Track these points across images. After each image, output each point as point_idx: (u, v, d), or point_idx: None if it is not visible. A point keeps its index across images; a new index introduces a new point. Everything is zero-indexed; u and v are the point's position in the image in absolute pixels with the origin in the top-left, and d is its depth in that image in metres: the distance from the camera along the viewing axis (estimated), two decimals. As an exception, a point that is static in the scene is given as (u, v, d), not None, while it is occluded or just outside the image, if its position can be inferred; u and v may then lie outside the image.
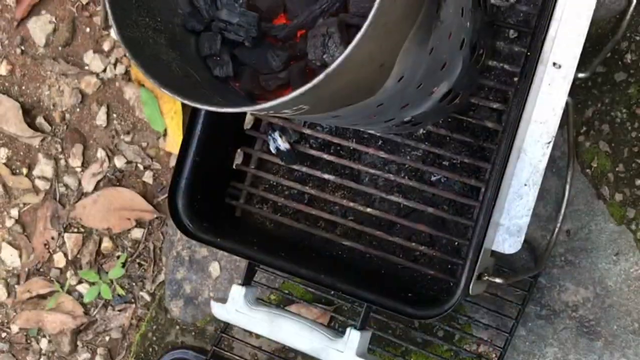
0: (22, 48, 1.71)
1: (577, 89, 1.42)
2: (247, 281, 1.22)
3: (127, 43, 0.85)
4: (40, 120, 1.70)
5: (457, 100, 1.16)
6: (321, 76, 0.76)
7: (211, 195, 1.27)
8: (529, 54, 1.10)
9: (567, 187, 1.36)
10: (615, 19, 1.41)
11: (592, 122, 1.43)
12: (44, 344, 1.75)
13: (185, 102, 0.83)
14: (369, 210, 1.27)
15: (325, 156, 1.28)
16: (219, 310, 1.21)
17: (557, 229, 1.37)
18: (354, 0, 0.88)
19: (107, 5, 0.86)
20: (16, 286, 1.75)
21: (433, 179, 1.29)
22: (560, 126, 1.20)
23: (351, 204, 1.28)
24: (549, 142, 1.16)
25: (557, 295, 1.45)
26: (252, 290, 1.21)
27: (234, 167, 1.32)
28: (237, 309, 1.20)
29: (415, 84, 0.98)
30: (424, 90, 1.03)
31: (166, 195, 1.50)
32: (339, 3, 0.89)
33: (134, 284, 1.69)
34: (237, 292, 1.19)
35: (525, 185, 1.18)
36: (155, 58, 0.89)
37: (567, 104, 1.16)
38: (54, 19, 1.69)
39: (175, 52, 0.93)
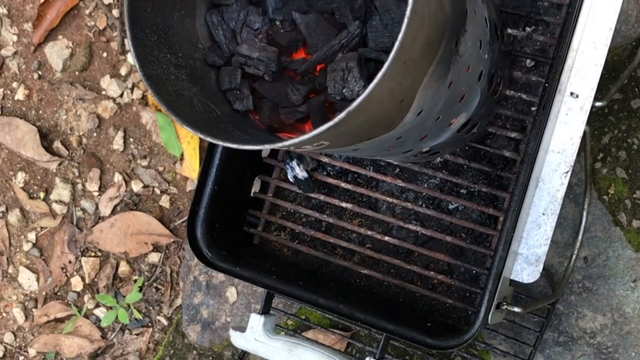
0: (39, 73, 1.73)
1: (593, 116, 1.42)
2: (265, 310, 1.22)
3: (149, 80, 0.87)
4: (57, 144, 1.72)
5: (475, 129, 1.17)
6: (342, 114, 0.77)
7: (229, 224, 1.28)
8: (546, 85, 1.11)
9: (585, 214, 1.36)
10: (632, 46, 1.41)
11: (609, 149, 1.43)
12: None
13: (208, 139, 0.84)
14: (386, 238, 1.28)
15: (343, 184, 1.29)
16: (237, 340, 1.22)
17: (574, 256, 1.36)
18: (373, 35, 0.89)
19: (130, 44, 0.87)
20: (34, 310, 1.76)
21: (451, 207, 1.30)
22: (578, 153, 1.21)
23: (369, 232, 1.29)
24: (567, 172, 1.17)
25: (575, 322, 1.44)
26: (271, 318, 1.22)
27: (251, 195, 1.33)
28: (256, 338, 1.21)
29: (434, 117, 0.99)
30: (443, 122, 1.04)
31: (183, 219, 1.52)
32: (358, 38, 0.90)
33: (151, 308, 1.69)
34: (256, 321, 1.20)
35: (544, 214, 1.18)
36: (177, 94, 0.90)
37: (584, 132, 1.17)
38: (70, 44, 1.71)
39: (196, 87, 0.94)
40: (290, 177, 1.29)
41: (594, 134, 1.42)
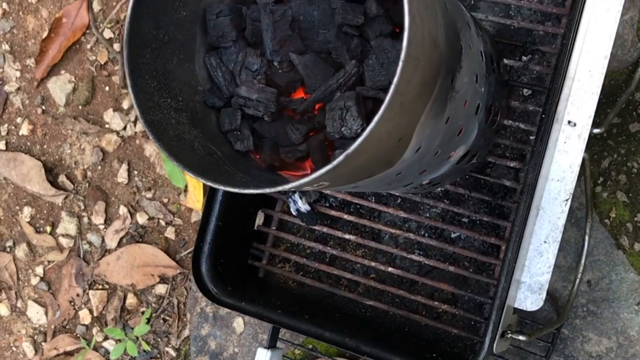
0: (43, 108, 1.74)
1: (592, 140, 1.42)
2: (272, 343, 1.23)
3: (150, 127, 0.88)
4: (62, 178, 1.73)
5: (474, 160, 1.18)
6: (341, 157, 0.78)
7: (234, 258, 1.30)
8: (543, 115, 1.12)
9: (587, 238, 1.37)
10: (628, 70, 1.42)
11: (608, 173, 1.43)
12: None
13: (209, 184, 0.85)
14: (390, 269, 1.29)
15: (345, 216, 1.30)
16: None
17: (578, 280, 1.37)
18: (370, 74, 0.90)
19: (130, 92, 0.88)
20: (43, 343, 1.77)
21: (453, 236, 1.31)
22: (577, 178, 1.22)
23: (372, 263, 1.30)
24: (567, 200, 1.18)
25: (580, 346, 1.45)
26: (278, 353, 1.23)
27: (255, 228, 1.35)
28: None
29: (433, 152, 1.00)
30: (442, 155, 1.05)
31: (189, 250, 1.53)
32: (355, 77, 0.92)
33: (159, 339, 1.70)
34: (263, 355, 1.21)
35: (545, 242, 1.19)
36: (178, 138, 0.91)
37: (583, 159, 1.18)
38: (73, 79, 1.73)
39: (197, 130, 0.95)
40: (293, 211, 1.30)
41: (594, 158, 1.43)
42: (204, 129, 0.97)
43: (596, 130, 1.22)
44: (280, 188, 0.83)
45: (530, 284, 1.20)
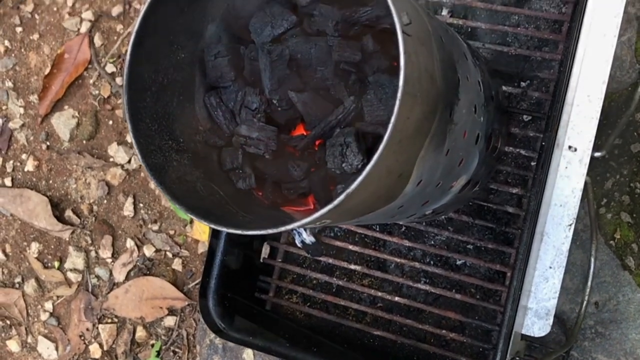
0: (48, 143, 1.75)
1: (594, 162, 1.41)
2: None
3: (152, 171, 0.88)
4: (69, 213, 1.74)
5: (476, 187, 1.18)
6: (342, 197, 0.78)
7: (241, 291, 1.30)
8: (543, 143, 1.12)
9: (592, 260, 1.35)
10: (627, 92, 1.42)
11: (612, 194, 1.43)
12: None
13: (213, 226, 0.85)
14: (397, 298, 1.29)
15: (350, 246, 1.30)
16: None
17: (585, 302, 1.35)
18: (369, 109, 0.91)
19: (132, 136, 0.89)
20: (54, 379, 1.77)
21: (458, 263, 1.30)
22: (581, 200, 1.22)
23: (379, 293, 1.30)
24: (570, 225, 1.18)
25: None
26: None
27: (261, 261, 1.35)
28: None
29: (434, 184, 1.00)
30: (444, 186, 1.05)
31: (197, 282, 1.53)
32: (354, 112, 0.92)
33: None
34: None
35: (550, 267, 1.19)
36: (180, 180, 0.92)
37: (585, 182, 1.18)
38: (77, 114, 1.74)
39: (198, 171, 0.96)
40: (298, 243, 1.30)
41: (596, 179, 1.43)
42: (205, 169, 0.97)
43: (598, 154, 1.22)
44: (283, 228, 0.83)
45: (537, 310, 1.20)
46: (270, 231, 0.85)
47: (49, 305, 1.75)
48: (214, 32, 0.99)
